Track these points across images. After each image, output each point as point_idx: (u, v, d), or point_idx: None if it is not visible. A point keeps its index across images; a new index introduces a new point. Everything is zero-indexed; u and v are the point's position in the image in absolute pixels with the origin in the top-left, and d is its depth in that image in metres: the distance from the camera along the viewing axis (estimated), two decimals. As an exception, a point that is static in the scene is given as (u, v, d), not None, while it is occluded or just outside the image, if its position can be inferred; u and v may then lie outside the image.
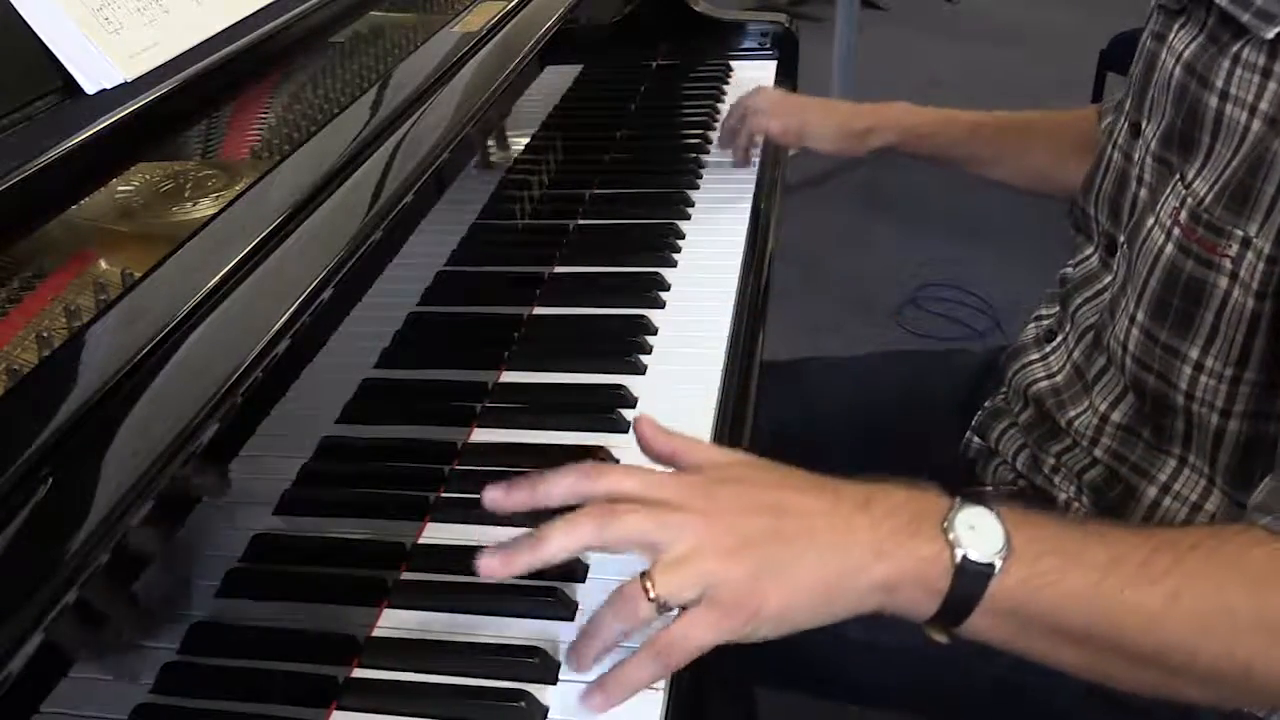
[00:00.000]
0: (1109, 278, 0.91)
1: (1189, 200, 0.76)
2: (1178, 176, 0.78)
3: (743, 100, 1.24)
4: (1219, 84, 0.74)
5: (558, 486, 0.61)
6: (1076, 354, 0.93)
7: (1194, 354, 0.77)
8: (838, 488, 0.62)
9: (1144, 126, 0.86)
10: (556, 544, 0.59)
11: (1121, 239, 0.88)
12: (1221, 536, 0.63)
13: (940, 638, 0.61)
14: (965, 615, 0.59)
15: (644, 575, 0.58)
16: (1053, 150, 1.16)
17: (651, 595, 0.57)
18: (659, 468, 0.66)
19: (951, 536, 0.59)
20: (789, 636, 0.61)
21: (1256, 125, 0.71)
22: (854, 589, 0.59)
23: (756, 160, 1.25)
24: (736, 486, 0.62)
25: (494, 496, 0.62)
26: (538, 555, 0.59)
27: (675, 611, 0.59)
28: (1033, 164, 1.18)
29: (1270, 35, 0.71)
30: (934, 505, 0.61)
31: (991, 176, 1.20)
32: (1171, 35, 0.82)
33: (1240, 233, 0.72)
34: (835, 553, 0.59)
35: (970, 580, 0.58)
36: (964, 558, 0.58)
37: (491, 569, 0.59)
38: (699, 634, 0.58)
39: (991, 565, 0.58)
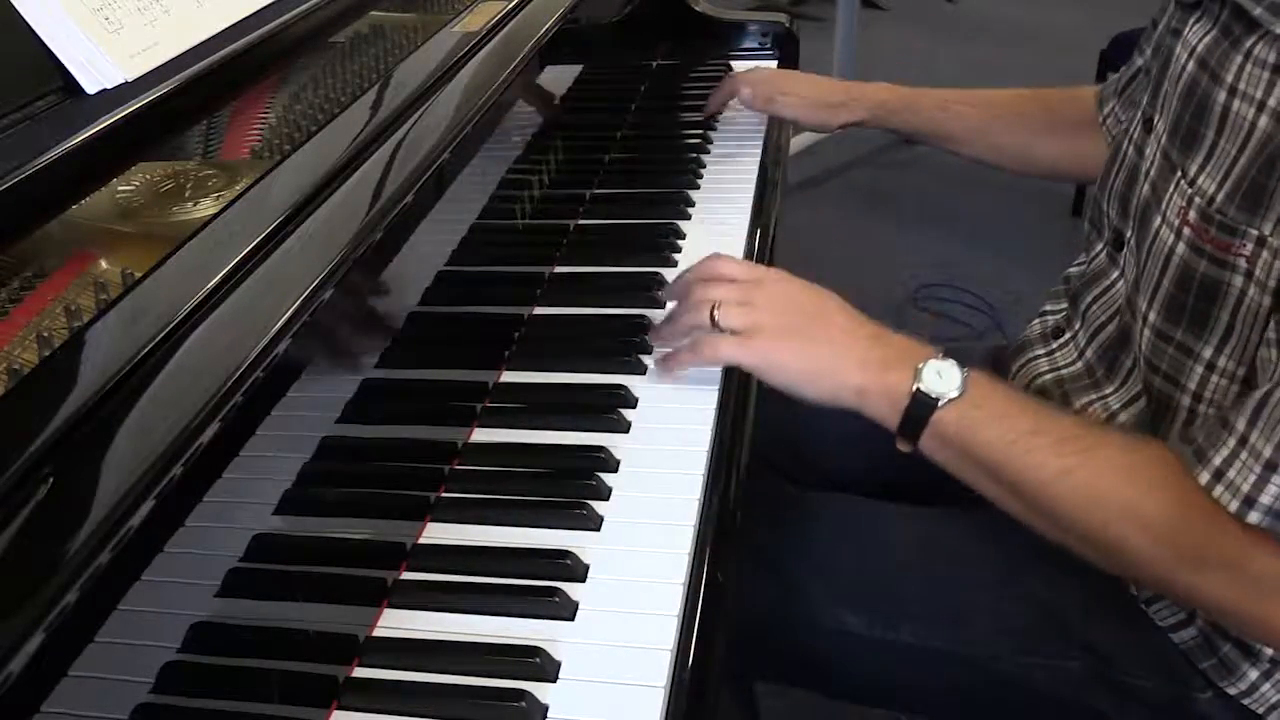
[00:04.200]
0: (1115, 273, 0.91)
1: (1197, 199, 0.76)
2: (1180, 173, 0.78)
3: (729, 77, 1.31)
4: (1229, 79, 0.74)
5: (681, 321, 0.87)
6: (1090, 352, 0.93)
7: (1207, 353, 0.77)
8: (865, 321, 0.84)
9: (1156, 121, 0.86)
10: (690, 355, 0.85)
11: (1129, 235, 0.88)
12: (1137, 447, 0.75)
13: (905, 448, 0.79)
14: (919, 432, 0.77)
15: (714, 305, 0.83)
16: (1022, 129, 1.18)
17: (716, 316, 0.83)
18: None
19: (919, 375, 0.77)
20: (791, 635, 0.62)
21: (1264, 122, 0.71)
22: (834, 381, 0.81)
23: (758, 154, 1.25)
24: (803, 294, 0.86)
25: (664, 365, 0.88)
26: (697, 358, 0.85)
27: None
28: (1000, 141, 1.19)
29: None
30: (922, 351, 0.79)
31: (966, 154, 1.22)
32: (1186, 29, 0.81)
33: (1255, 232, 0.71)
34: (832, 351, 0.81)
35: (919, 406, 0.77)
36: (917, 389, 0.77)
37: (666, 367, 0.87)
38: (727, 347, 0.83)
39: (936, 400, 0.76)
